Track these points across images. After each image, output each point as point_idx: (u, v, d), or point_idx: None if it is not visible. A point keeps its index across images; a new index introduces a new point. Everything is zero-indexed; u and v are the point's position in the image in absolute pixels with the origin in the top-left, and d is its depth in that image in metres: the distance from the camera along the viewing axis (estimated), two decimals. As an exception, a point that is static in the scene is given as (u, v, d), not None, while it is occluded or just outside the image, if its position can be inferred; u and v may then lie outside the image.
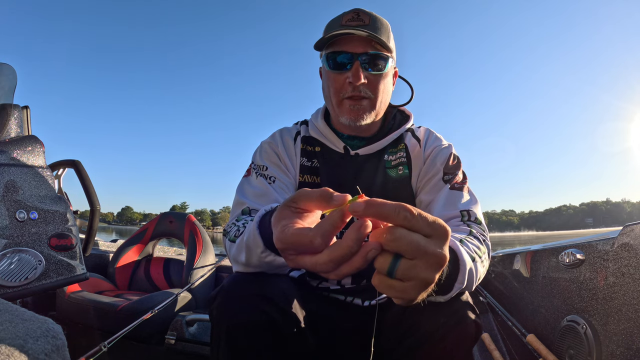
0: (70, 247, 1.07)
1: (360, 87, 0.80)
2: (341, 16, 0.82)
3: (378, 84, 0.82)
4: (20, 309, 0.54)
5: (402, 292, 0.34)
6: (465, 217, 0.76)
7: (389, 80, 0.86)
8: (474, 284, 0.61)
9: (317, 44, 0.83)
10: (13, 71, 1.23)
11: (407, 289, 0.34)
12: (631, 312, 0.81)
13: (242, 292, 0.65)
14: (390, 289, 0.34)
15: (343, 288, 0.85)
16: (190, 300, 1.83)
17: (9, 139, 1.09)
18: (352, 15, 0.80)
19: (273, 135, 0.96)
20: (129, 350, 1.56)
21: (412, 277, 0.33)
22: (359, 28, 0.77)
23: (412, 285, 0.34)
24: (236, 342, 0.64)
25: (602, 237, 0.97)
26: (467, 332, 0.62)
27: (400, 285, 0.34)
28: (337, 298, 0.85)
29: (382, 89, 0.83)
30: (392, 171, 0.88)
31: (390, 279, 0.34)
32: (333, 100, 0.85)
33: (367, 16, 0.80)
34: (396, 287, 0.34)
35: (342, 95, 0.83)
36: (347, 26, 0.79)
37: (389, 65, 0.82)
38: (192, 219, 2.34)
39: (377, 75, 0.81)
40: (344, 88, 0.82)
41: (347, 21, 0.80)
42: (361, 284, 0.85)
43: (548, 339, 1.11)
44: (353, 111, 0.83)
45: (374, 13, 0.82)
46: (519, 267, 1.45)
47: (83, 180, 1.36)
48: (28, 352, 0.45)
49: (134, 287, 2.22)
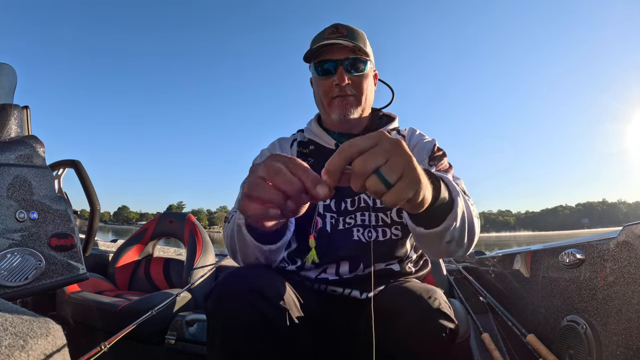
0: (71, 247, 1.07)
1: (346, 87, 0.93)
2: (323, 32, 0.95)
3: (361, 83, 0.95)
4: (20, 309, 0.54)
5: (402, 195, 0.42)
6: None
7: (370, 80, 0.99)
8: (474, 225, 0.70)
9: (305, 56, 0.96)
10: (13, 71, 1.23)
11: (404, 188, 0.42)
12: (631, 312, 0.81)
13: (237, 289, 0.66)
14: (394, 196, 0.41)
15: (341, 278, 0.86)
16: (190, 300, 1.83)
17: (9, 139, 1.09)
18: (332, 29, 0.94)
19: (272, 143, 1.08)
20: (129, 350, 1.56)
21: (399, 172, 0.41)
22: (339, 39, 0.90)
23: (406, 183, 0.42)
24: (232, 340, 0.64)
25: (602, 237, 0.98)
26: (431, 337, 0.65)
27: (398, 189, 0.41)
28: (334, 291, 0.87)
29: (365, 87, 0.96)
30: None
31: (389, 190, 0.41)
32: (324, 101, 0.97)
33: (345, 29, 0.93)
34: (396, 192, 0.41)
35: (330, 95, 0.95)
36: (329, 38, 0.91)
37: (368, 67, 0.95)
38: (192, 219, 2.34)
39: (359, 76, 0.94)
40: (332, 90, 0.94)
41: (328, 35, 0.93)
42: (358, 272, 0.86)
43: (548, 339, 1.11)
44: (342, 106, 0.94)
45: (350, 25, 0.95)
46: (519, 267, 1.45)
47: (83, 180, 1.36)
48: (28, 352, 0.45)
49: (134, 287, 2.22)
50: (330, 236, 0.89)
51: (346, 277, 0.86)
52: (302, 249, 0.92)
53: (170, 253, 2.60)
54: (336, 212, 0.91)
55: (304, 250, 0.91)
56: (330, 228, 0.90)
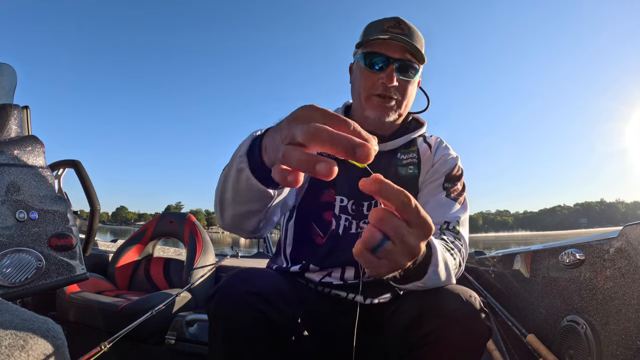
0: (71, 247, 1.07)
1: (392, 89, 0.86)
2: (382, 21, 0.87)
3: (406, 89, 0.88)
4: (20, 309, 0.54)
5: (377, 267, 0.39)
6: (445, 226, 0.80)
7: (415, 87, 0.93)
8: (451, 272, 0.67)
9: (359, 43, 0.89)
10: (13, 71, 1.23)
11: (382, 266, 0.38)
12: (631, 312, 0.81)
13: (239, 291, 0.65)
14: (368, 262, 0.38)
15: (345, 283, 0.85)
16: (190, 300, 1.83)
17: (9, 139, 1.09)
18: (393, 22, 0.86)
19: None
20: (129, 350, 1.56)
21: (389, 259, 0.38)
22: (399, 35, 0.83)
23: (386, 264, 0.38)
24: (233, 342, 0.64)
25: (602, 237, 0.98)
26: (473, 336, 0.63)
27: (377, 262, 0.38)
28: (338, 295, 0.85)
29: (409, 94, 0.90)
30: (402, 169, 0.93)
31: (371, 255, 0.37)
32: (362, 95, 0.90)
33: (407, 26, 0.86)
34: (373, 262, 0.38)
35: (372, 91, 0.88)
36: (388, 32, 0.84)
37: (417, 74, 0.89)
38: (192, 219, 2.34)
39: (407, 81, 0.88)
40: (375, 86, 0.87)
41: (388, 27, 0.86)
42: (363, 279, 0.85)
43: (548, 339, 1.11)
44: (380, 107, 0.88)
45: (412, 25, 0.88)
46: (519, 267, 1.45)
47: (83, 180, 1.35)
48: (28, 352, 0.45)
49: (134, 287, 2.22)
50: (341, 238, 0.88)
51: (350, 282, 0.85)
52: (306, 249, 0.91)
53: (170, 253, 2.60)
54: (352, 214, 0.89)
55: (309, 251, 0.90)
56: (342, 230, 0.89)
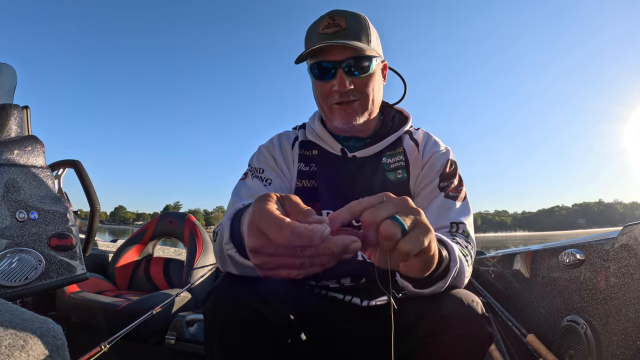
0: (70, 247, 1.07)
1: (348, 92, 0.81)
2: (317, 23, 0.81)
3: (366, 86, 0.82)
4: (20, 309, 0.54)
5: (418, 242, 0.40)
6: (454, 228, 0.78)
7: (378, 77, 0.85)
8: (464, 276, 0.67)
9: (298, 59, 0.83)
10: (13, 71, 1.23)
11: (419, 234, 0.41)
12: (631, 312, 0.81)
13: (235, 291, 0.65)
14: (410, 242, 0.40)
15: (342, 286, 0.84)
16: (190, 300, 1.83)
17: (9, 139, 1.09)
18: (327, 21, 0.79)
19: (271, 140, 0.96)
20: (129, 350, 1.56)
21: (412, 220, 0.40)
22: (335, 35, 0.77)
23: (421, 230, 0.41)
24: (229, 341, 0.64)
25: (602, 237, 0.97)
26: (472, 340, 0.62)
27: (414, 235, 0.40)
28: (335, 297, 0.84)
29: (371, 89, 0.83)
30: (391, 174, 0.88)
31: (404, 235, 0.39)
32: (324, 107, 0.86)
33: (343, 18, 0.78)
34: (412, 238, 0.40)
35: (331, 102, 0.83)
36: (324, 34, 0.78)
37: (373, 64, 0.81)
38: (192, 219, 2.34)
39: (364, 77, 0.81)
40: (331, 95, 0.82)
41: (323, 29, 0.79)
42: (360, 282, 0.84)
43: (548, 339, 1.11)
44: (344, 115, 0.83)
45: (350, 11, 0.80)
46: (519, 267, 1.45)
47: (83, 180, 1.35)
48: (28, 352, 0.45)
49: (134, 287, 2.22)
50: None
51: (347, 286, 0.84)
52: None
53: (170, 253, 2.60)
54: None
55: None
56: None
